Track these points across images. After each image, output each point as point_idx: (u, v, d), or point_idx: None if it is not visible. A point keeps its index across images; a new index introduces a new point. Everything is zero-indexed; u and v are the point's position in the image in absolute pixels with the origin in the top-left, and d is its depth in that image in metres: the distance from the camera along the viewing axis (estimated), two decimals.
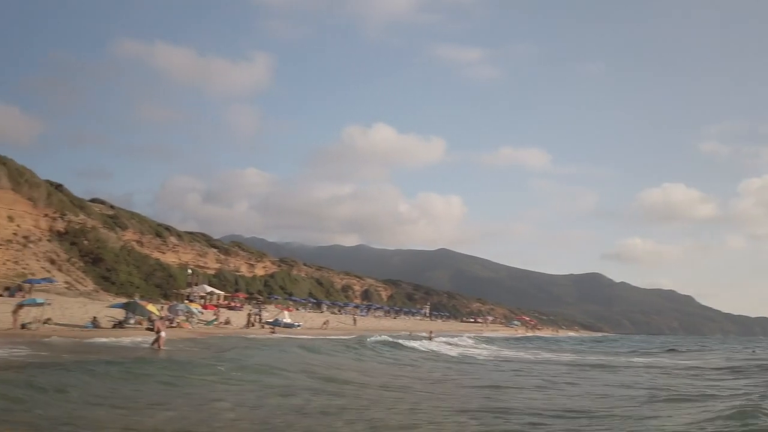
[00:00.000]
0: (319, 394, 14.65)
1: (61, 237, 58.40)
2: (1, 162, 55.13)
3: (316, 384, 16.73)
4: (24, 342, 22.87)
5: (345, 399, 14.11)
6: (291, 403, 13.06)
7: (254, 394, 14.17)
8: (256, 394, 14.18)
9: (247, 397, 13.73)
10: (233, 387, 15.22)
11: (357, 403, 13.40)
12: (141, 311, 34.58)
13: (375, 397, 14.80)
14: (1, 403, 10.55)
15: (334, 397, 14.22)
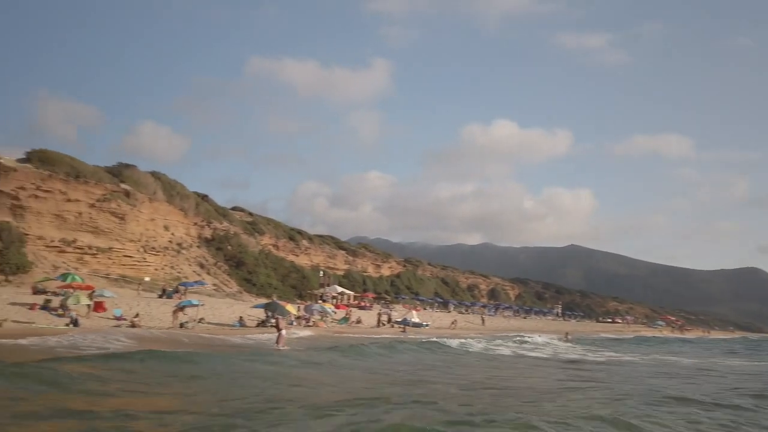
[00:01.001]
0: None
1: (208, 243, 63.78)
2: (157, 177, 61.47)
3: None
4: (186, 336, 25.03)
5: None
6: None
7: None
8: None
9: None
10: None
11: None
12: (281, 311, 36.44)
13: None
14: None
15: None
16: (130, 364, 15.83)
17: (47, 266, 43.51)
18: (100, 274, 46.50)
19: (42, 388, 11.62)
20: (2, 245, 40.43)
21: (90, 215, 49.64)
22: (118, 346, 21.92)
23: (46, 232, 46.56)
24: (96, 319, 30.76)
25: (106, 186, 51.86)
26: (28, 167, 47.82)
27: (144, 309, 34.26)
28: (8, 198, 45.43)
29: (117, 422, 9.13)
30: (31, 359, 15.16)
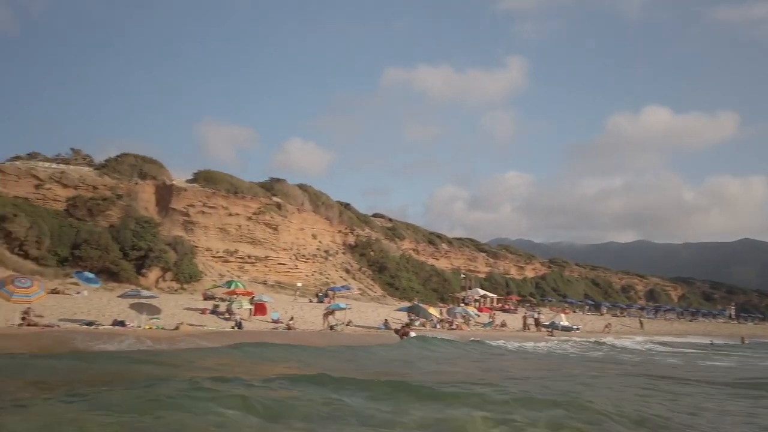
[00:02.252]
0: None
1: (352, 249, 66.44)
2: (304, 189, 65.49)
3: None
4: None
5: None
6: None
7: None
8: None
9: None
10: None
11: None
12: (424, 314, 36.71)
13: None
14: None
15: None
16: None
17: (214, 274, 48.25)
18: (258, 281, 50.51)
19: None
20: (177, 257, 45.61)
21: (248, 227, 54.25)
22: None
23: (212, 243, 51.74)
24: (256, 321, 33.36)
25: (260, 200, 56.36)
26: (196, 186, 53.58)
27: (297, 313, 36.52)
28: (180, 215, 51.28)
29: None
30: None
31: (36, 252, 40.43)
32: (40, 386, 12.51)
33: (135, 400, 10.14)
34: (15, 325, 23.10)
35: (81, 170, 49.54)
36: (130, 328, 26.23)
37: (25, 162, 48.05)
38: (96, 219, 46.12)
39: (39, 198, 45.40)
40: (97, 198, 47.43)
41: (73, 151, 52.51)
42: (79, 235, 42.57)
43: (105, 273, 40.61)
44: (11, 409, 9.58)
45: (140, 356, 18.91)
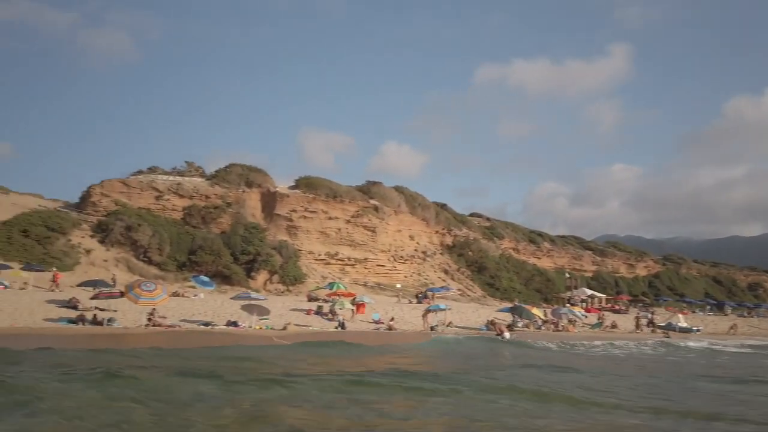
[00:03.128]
0: None
1: (450, 250, 65.90)
2: (400, 191, 65.97)
3: None
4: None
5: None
6: None
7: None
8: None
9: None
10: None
11: None
12: (527, 315, 35.57)
13: None
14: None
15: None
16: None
17: (317, 277, 49.87)
18: (359, 282, 51.53)
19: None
20: (282, 260, 47.64)
21: (347, 230, 55.58)
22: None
23: (314, 247, 53.55)
24: (358, 322, 34.01)
25: (358, 203, 57.55)
26: (298, 192, 55.76)
27: (398, 313, 36.77)
28: (284, 220, 53.58)
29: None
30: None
31: (158, 258, 43.97)
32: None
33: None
34: (143, 326, 25.22)
35: (195, 181, 53.25)
36: (242, 328, 27.72)
37: (147, 176, 52.44)
38: (209, 226, 49.37)
39: (159, 208, 49.36)
40: (210, 207, 50.76)
41: (188, 164, 56.56)
42: (194, 242, 45.76)
43: (218, 276, 43.30)
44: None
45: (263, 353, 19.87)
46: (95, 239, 43.73)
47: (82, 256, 41.34)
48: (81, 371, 13.56)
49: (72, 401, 10.56)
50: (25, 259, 37.09)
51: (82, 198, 50.35)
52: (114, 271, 40.86)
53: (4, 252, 37.84)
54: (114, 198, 48.43)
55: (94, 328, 23.76)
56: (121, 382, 12.44)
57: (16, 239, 39.46)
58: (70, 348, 18.35)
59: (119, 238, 43.71)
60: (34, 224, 41.34)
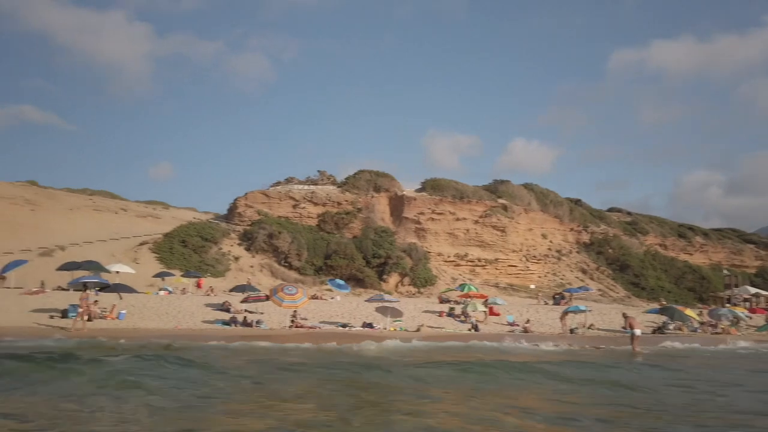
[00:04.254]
0: None
1: (587, 247, 62.29)
2: (530, 188, 63.76)
3: None
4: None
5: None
6: None
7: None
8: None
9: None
10: None
11: None
12: (680, 316, 32.45)
13: None
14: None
15: None
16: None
17: (447, 278, 49.74)
18: (490, 284, 50.55)
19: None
20: (412, 262, 48.16)
21: (476, 231, 54.81)
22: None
23: (443, 248, 53.50)
24: (492, 324, 33.27)
25: (485, 203, 56.55)
26: (424, 195, 56.13)
27: (533, 315, 35.40)
28: (413, 223, 54.17)
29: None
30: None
31: (297, 263, 46.62)
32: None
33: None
34: (287, 327, 26.78)
35: (327, 189, 55.79)
36: (378, 329, 28.36)
37: (284, 186, 55.93)
38: (342, 231, 51.40)
39: (296, 216, 52.37)
40: (342, 212, 52.85)
41: (320, 173, 59.42)
42: (329, 247, 47.88)
43: (352, 279, 44.87)
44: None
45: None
46: (242, 247, 47.46)
47: (231, 262, 45.06)
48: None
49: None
50: (184, 266, 41.23)
51: (229, 209, 55.00)
52: (258, 276, 44.01)
53: (167, 260, 42.38)
54: (257, 208, 52.24)
55: (245, 329, 25.68)
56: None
57: (176, 249, 44.05)
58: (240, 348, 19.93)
59: (262, 245, 47.02)
60: (191, 235, 45.85)
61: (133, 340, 20.12)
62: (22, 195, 55.12)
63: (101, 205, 61.82)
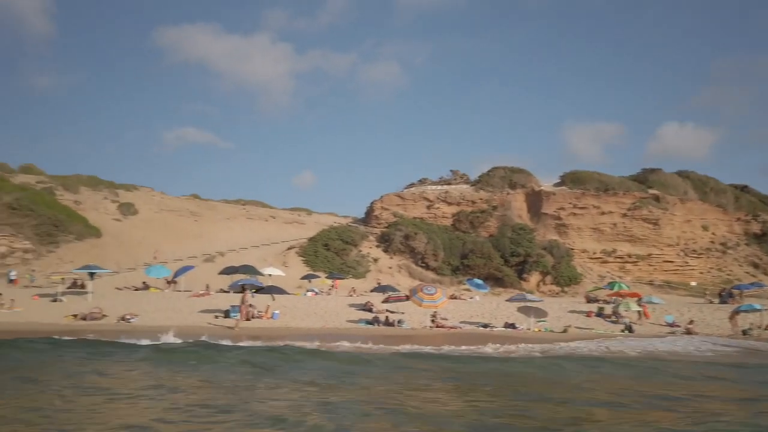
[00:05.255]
0: None
1: (759, 239, 54.96)
2: (685, 176, 57.80)
3: None
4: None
5: None
6: None
7: None
8: None
9: None
10: None
11: None
12: None
13: None
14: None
15: None
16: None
17: (594, 276, 46.77)
18: (643, 281, 46.67)
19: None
20: (554, 260, 46.00)
21: (624, 225, 50.94)
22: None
23: (587, 245, 50.43)
24: (648, 325, 30.59)
25: (634, 194, 52.34)
26: (564, 189, 53.38)
27: (696, 315, 31.97)
28: (552, 219, 51.76)
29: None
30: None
31: (434, 263, 46.74)
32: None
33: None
34: (427, 327, 26.87)
35: (461, 188, 55.31)
36: (521, 330, 27.40)
37: (418, 187, 56.45)
38: (477, 230, 50.61)
39: (431, 216, 52.56)
40: (476, 211, 52.05)
41: (453, 173, 59.12)
42: (465, 246, 47.39)
43: (491, 279, 43.95)
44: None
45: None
46: (380, 249, 48.67)
47: (371, 264, 46.39)
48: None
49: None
50: (328, 268, 43.23)
51: (366, 213, 56.75)
52: (397, 276, 44.83)
53: (312, 263, 44.75)
54: (392, 210, 53.29)
55: (387, 328, 26.21)
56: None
57: (320, 252, 46.36)
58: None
59: (399, 246, 47.83)
60: (333, 239, 47.99)
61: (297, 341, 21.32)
62: (187, 207, 61.65)
63: (253, 213, 67.12)
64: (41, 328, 22.00)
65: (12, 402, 10.11)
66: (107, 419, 9.15)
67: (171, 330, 20.17)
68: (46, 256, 41.01)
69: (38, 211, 43.36)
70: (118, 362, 15.39)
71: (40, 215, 43.14)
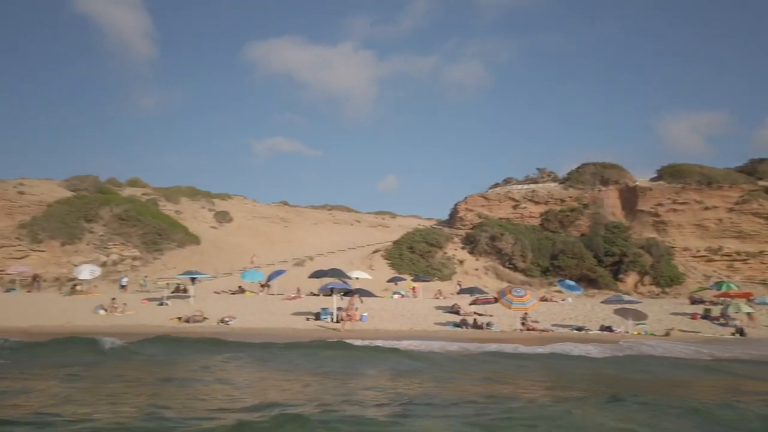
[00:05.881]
0: None
1: None
2: None
3: None
4: None
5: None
6: None
7: None
8: None
9: None
10: None
11: None
12: None
13: None
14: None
15: None
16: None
17: (698, 276, 43.60)
18: (755, 280, 42.91)
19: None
20: (653, 260, 43.36)
21: (731, 220, 47.12)
22: None
23: (689, 242, 47.09)
24: (762, 327, 28.09)
25: (741, 187, 48.28)
26: (662, 184, 50.21)
27: None
28: (649, 215, 48.82)
29: None
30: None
31: (522, 264, 45.52)
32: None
33: None
34: (518, 330, 26.18)
35: (548, 186, 53.54)
36: (618, 333, 26.05)
37: (503, 187, 55.29)
38: (567, 229, 48.75)
39: (517, 216, 51.26)
40: (566, 210, 50.16)
41: (539, 171, 57.39)
42: (555, 246, 45.76)
43: (583, 280, 42.13)
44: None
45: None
46: (465, 250, 48.09)
47: (456, 266, 45.94)
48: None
49: None
50: (413, 271, 43.29)
51: (451, 214, 56.33)
52: (484, 278, 44.08)
53: (398, 266, 45.00)
54: (477, 211, 52.53)
55: (476, 331, 25.80)
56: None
57: (405, 255, 46.53)
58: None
59: (485, 248, 47.01)
60: (417, 241, 48.01)
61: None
62: (277, 214, 64.11)
63: (339, 218, 68.62)
64: (150, 330, 23.67)
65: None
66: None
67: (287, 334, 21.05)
68: (152, 262, 44.10)
69: (144, 221, 46.75)
70: (304, 356, 17.63)
71: (146, 225, 46.49)
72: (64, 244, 42.51)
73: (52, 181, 53.25)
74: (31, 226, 42.51)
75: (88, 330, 22.93)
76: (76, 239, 43.32)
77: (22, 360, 16.09)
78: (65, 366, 14.31)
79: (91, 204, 46.88)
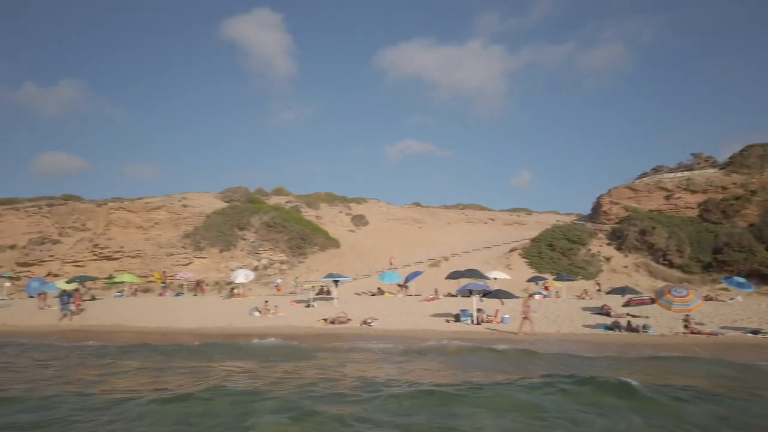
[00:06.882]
0: None
1: None
2: None
3: None
4: None
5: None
6: None
7: None
8: None
9: None
10: None
11: None
12: None
13: None
14: None
15: None
16: None
17: None
18: None
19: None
20: None
21: None
22: None
23: None
24: None
25: None
26: None
27: None
28: None
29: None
30: None
31: (678, 260, 41.38)
32: None
33: None
34: (680, 333, 23.70)
35: (706, 173, 48.23)
36: None
37: (652, 177, 50.78)
38: (732, 220, 43.50)
39: (671, 208, 46.76)
40: (729, 198, 44.82)
41: (694, 156, 51.92)
42: (717, 239, 41.02)
43: (755, 276, 37.26)
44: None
45: None
46: (611, 246, 44.86)
47: (603, 263, 43.01)
48: None
49: None
50: (554, 270, 41.27)
51: (593, 209, 52.96)
52: (635, 276, 40.74)
53: (537, 264, 43.18)
54: (623, 204, 48.80)
55: (630, 335, 23.80)
56: None
57: (544, 253, 44.54)
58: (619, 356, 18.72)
59: (635, 243, 43.48)
60: (557, 238, 45.74)
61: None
62: (410, 216, 64.85)
63: (472, 217, 67.68)
64: (299, 332, 24.96)
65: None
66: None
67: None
68: (297, 266, 46.81)
69: (289, 227, 49.80)
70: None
71: (291, 230, 49.47)
72: (221, 250, 46.62)
73: (209, 193, 58.80)
74: (193, 236, 47.20)
75: (246, 332, 24.78)
76: (231, 246, 47.31)
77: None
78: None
79: (243, 213, 50.95)
